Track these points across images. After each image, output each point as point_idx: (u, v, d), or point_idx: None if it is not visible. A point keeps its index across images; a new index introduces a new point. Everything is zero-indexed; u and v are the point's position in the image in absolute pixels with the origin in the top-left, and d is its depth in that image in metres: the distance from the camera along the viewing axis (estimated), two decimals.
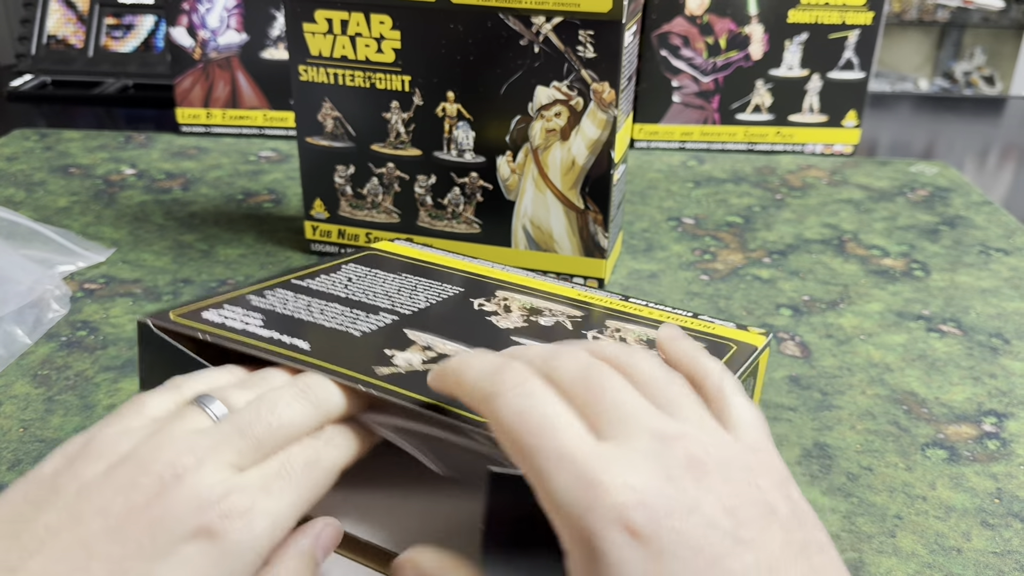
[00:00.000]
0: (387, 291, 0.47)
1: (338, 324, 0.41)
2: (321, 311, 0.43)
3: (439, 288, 0.48)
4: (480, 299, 0.47)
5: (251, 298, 0.43)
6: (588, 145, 0.62)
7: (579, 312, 0.47)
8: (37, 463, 0.49)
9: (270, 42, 0.94)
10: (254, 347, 0.38)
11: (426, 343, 0.40)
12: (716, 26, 0.91)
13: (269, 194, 0.84)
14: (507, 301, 0.47)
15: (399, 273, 0.50)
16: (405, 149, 0.66)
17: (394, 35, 0.62)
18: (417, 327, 0.42)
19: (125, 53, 1.10)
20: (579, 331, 0.45)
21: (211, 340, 0.38)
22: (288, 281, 0.46)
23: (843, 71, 0.92)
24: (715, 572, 0.27)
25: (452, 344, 0.41)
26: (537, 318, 0.46)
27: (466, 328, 0.43)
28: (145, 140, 0.97)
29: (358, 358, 0.38)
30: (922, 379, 0.57)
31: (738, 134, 0.95)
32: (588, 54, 0.59)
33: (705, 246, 0.75)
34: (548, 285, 0.51)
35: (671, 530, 0.27)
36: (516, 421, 0.29)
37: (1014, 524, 0.46)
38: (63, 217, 0.78)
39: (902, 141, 1.04)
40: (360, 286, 0.47)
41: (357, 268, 0.50)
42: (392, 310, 0.44)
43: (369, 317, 0.43)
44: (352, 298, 0.45)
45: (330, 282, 0.47)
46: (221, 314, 0.41)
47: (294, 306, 0.43)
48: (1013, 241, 0.77)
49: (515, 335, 0.43)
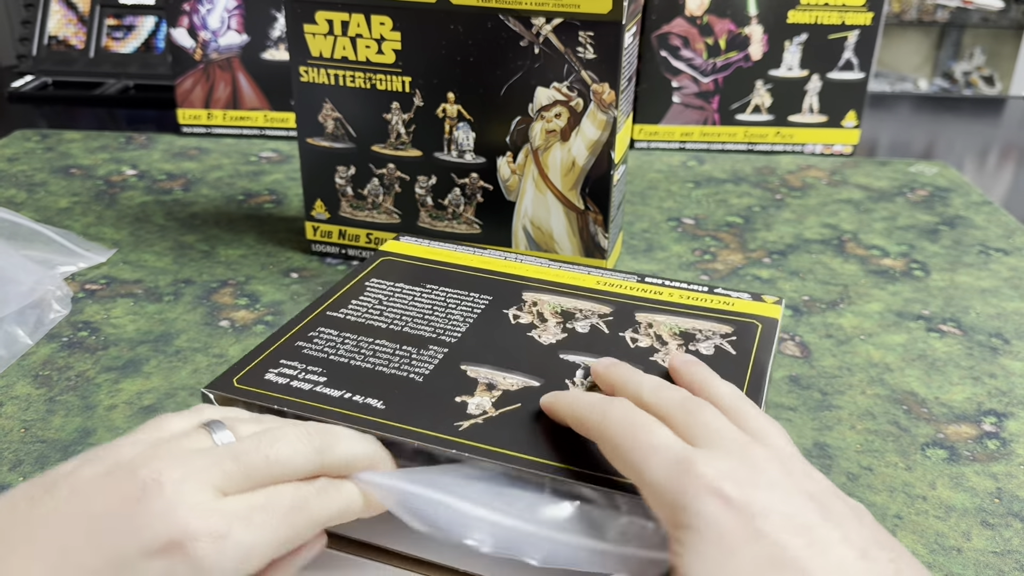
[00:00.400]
0: (422, 312, 0.48)
1: (396, 368, 0.43)
2: (374, 352, 0.44)
3: (468, 300, 0.49)
4: (512, 308, 0.49)
5: (301, 345, 0.44)
6: (588, 146, 0.62)
7: (607, 308, 0.49)
8: (38, 464, 0.49)
9: (271, 43, 0.94)
10: (333, 413, 0.39)
11: (487, 379, 0.42)
12: (716, 27, 0.91)
13: (270, 195, 0.84)
14: (538, 307, 0.49)
15: (423, 285, 0.51)
16: (406, 150, 0.66)
17: (394, 36, 0.62)
18: (470, 360, 0.43)
19: (126, 54, 1.10)
20: (616, 332, 0.46)
21: (290, 411, 0.39)
22: (324, 314, 0.47)
23: (843, 71, 0.92)
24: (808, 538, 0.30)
25: (512, 376, 0.42)
26: (572, 324, 0.47)
27: (515, 353, 0.44)
28: (146, 141, 0.97)
29: (434, 413, 0.39)
30: (922, 379, 0.58)
31: (738, 134, 0.95)
32: (588, 55, 0.59)
33: (705, 246, 0.75)
34: (567, 275, 0.52)
35: (761, 498, 0.31)
36: (621, 431, 0.34)
37: (1014, 524, 0.46)
38: (64, 218, 0.78)
39: (902, 141, 1.05)
40: (395, 310, 0.48)
41: (381, 284, 0.51)
42: (437, 339, 0.45)
43: (421, 354, 0.44)
44: (394, 328, 0.46)
45: (364, 308, 0.48)
46: (282, 373, 0.42)
47: (345, 350, 0.44)
48: (1013, 241, 0.77)
49: (562, 351, 0.45)
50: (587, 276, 0.52)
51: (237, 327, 0.62)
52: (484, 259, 0.54)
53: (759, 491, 0.31)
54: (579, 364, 0.44)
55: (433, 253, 0.55)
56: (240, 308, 0.64)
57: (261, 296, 0.66)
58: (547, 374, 0.43)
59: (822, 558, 0.29)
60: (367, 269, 0.53)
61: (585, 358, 0.44)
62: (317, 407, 0.40)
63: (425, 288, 0.51)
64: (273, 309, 0.64)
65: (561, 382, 0.42)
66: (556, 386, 0.42)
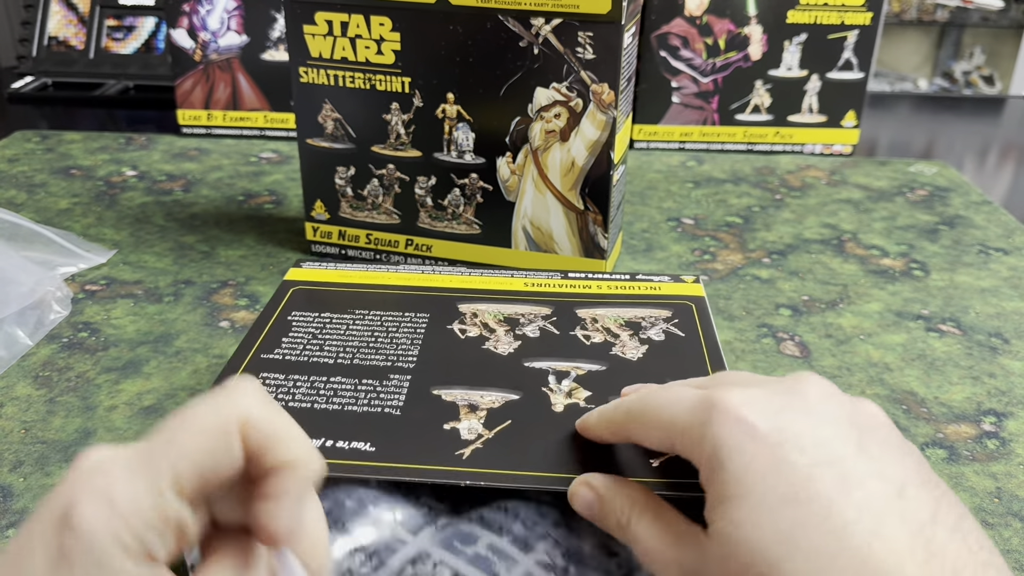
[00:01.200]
0: (364, 341, 0.46)
1: (366, 405, 0.41)
2: (334, 392, 0.42)
3: (406, 320, 0.48)
4: (455, 323, 0.48)
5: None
6: (588, 146, 0.62)
7: (547, 309, 0.49)
8: (39, 464, 0.49)
9: (270, 44, 0.94)
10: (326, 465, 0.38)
11: (466, 401, 0.41)
12: (715, 27, 0.91)
13: (270, 195, 0.84)
14: (479, 317, 0.48)
15: (352, 311, 0.49)
16: (405, 150, 0.66)
17: (394, 37, 0.62)
18: (439, 383, 0.42)
19: (126, 55, 1.10)
20: (566, 332, 0.46)
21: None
22: (259, 358, 0.44)
23: (842, 71, 0.92)
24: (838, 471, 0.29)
25: (489, 393, 0.42)
26: (521, 330, 0.47)
27: (479, 369, 0.44)
28: (146, 142, 0.97)
29: (428, 446, 0.38)
30: (921, 379, 0.58)
31: (737, 134, 0.95)
32: (587, 55, 0.59)
33: (705, 246, 0.75)
34: (492, 281, 0.52)
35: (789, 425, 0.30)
36: (645, 402, 0.34)
37: (1013, 523, 0.46)
38: (64, 219, 0.78)
39: (901, 141, 1.05)
40: (334, 342, 0.46)
41: (305, 316, 0.49)
42: (396, 367, 0.44)
43: (385, 385, 0.42)
44: (343, 363, 0.44)
45: (300, 345, 0.46)
46: None
47: (301, 394, 0.42)
48: (1012, 241, 0.77)
49: (526, 359, 0.44)
50: (512, 280, 0.52)
51: (237, 328, 0.62)
52: (399, 275, 0.53)
53: (785, 417, 0.30)
54: (547, 370, 0.43)
55: (343, 276, 0.53)
56: (240, 309, 0.64)
57: (261, 297, 0.66)
58: (521, 385, 0.42)
59: (850, 494, 0.28)
60: (282, 303, 0.50)
61: (549, 363, 0.44)
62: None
63: (355, 314, 0.49)
64: None
65: (538, 390, 0.42)
66: (535, 397, 0.41)
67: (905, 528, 0.28)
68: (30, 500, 0.46)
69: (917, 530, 0.28)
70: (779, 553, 0.28)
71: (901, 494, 0.28)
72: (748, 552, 0.29)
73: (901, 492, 0.28)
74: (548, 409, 0.41)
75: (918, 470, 0.30)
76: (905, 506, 0.28)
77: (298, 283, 0.53)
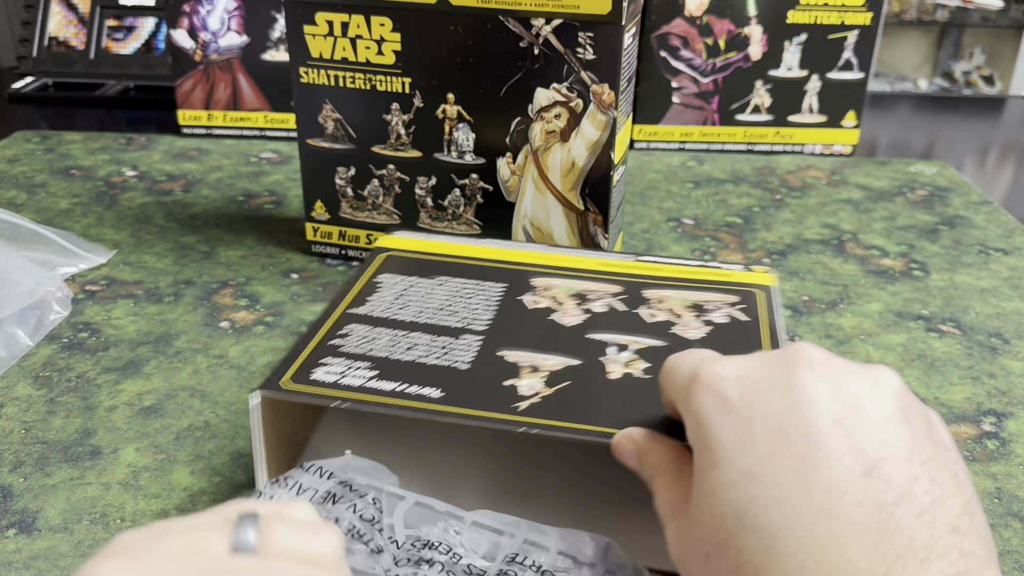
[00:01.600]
0: (443, 304, 0.49)
1: (437, 358, 0.44)
2: (412, 345, 0.45)
3: (483, 289, 0.51)
4: (527, 294, 0.50)
5: (336, 344, 0.45)
6: (588, 146, 0.62)
7: (617, 288, 0.50)
8: (39, 465, 0.49)
9: (271, 44, 0.94)
10: (391, 405, 0.40)
11: (529, 363, 0.44)
12: (715, 27, 0.91)
13: (270, 196, 0.84)
14: (550, 291, 0.50)
15: (434, 277, 0.52)
16: (406, 151, 0.66)
17: (394, 37, 0.62)
18: (506, 346, 0.45)
19: (126, 55, 1.10)
20: (631, 310, 0.48)
21: (349, 407, 0.40)
22: (348, 313, 0.48)
23: (842, 71, 0.92)
24: (807, 447, 0.29)
25: (551, 358, 0.44)
26: (588, 305, 0.49)
27: (545, 336, 0.46)
28: (146, 142, 0.97)
29: (490, 397, 0.41)
30: (921, 379, 0.58)
31: (737, 135, 0.95)
32: (588, 56, 0.59)
33: (705, 246, 0.75)
34: (568, 259, 0.53)
35: (763, 401, 0.30)
36: (675, 363, 0.35)
37: (1013, 524, 0.46)
38: (64, 219, 0.78)
39: (901, 141, 1.05)
40: (416, 303, 0.49)
41: (393, 278, 0.51)
42: (468, 329, 0.46)
43: (457, 342, 0.45)
44: (420, 321, 0.47)
45: (385, 303, 0.49)
46: (329, 372, 0.42)
47: (382, 344, 0.45)
48: (1012, 241, 0.77)
49: (587, 331, 0.46)
50: (587, 259, 0.53)
51: (237, 328, 0.62)
52: (484, 249, 0.55)
53: (764, 393, 0.30)
54: (607, 342, 0.45)
55: (432, 246, 0.55)
56: (240, 309, 0.64)
57: (261, 297, 0.66)
58: (581, 353, 0.44)
59: (810, 472, 0.28)
60: (373, 266, 0.53)
61: (612, 335, 0.46)
62: (374, 400, 0.40)
63: (437, 280, 0.51)
64: (273, 310, 0.64)
65: (597, 359, 0.44)
66: (593, 364, 0.43)
67: (860, 511, 0.27)
68: (30, 500, 0.46)
69: (874, 511, 0.27)
70: (732, 528, 0.29)
71: (869, 473, 0.28)
72: (710, 522, 0.30)
73: (871, 471, 0.28)
74: (605, 376, 0.42)
75: (910, 444, 0.29)
76: (869, 486, 0.27)
77: (388, 249, 0.55)
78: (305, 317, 0.63)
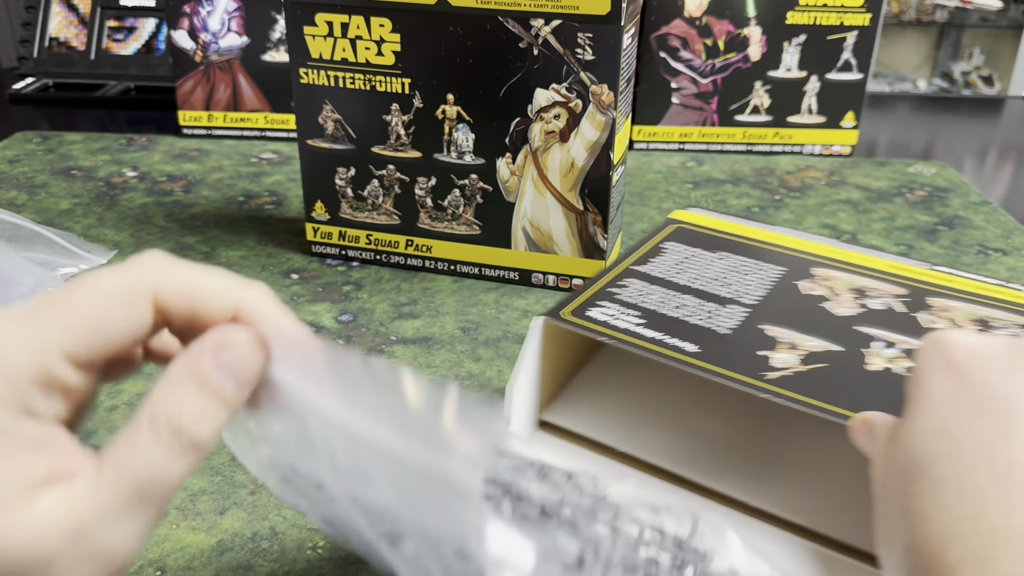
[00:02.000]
0: (718, 276, 0.51)
1: (700, 320, 0.46)
2: (680, 305, 0.48)
3: (761, 269, 0.52)
4: (804, 280, 0.51)
5: (614, 291, 0.49)
6: (587, 147, 0.62)
7: (901, 290, 0.50)
8: None
9: (271, 45, 0.95)
10: (650, 350, 0.44)
11: (788, 340, 0.45)
12: (715, 28, 0.91)
13: (270, 196, 0.84)
14: (829, 282, 0.51)
15: (716, 252, 0.53)
16: (405, 151, 0.66)
17: (394, 38, 0.62)
18: (769, 321, 0.46)
19: (127, 56, 1.10)
20: (910, 312, 0.48)
21: (614, 344, 0.44)
22: (630, 268, 0.51)
23: (841, 72, 0.93)
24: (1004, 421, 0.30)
25: (812, 340, 0.45)
26: (866, 300, 0.49)
27: (811, 319, 0.47)
28: (147, 142, 0.97)
29: (742, 361, 0.43)
30: None
31: (737, 135, 0.95)
32: (587, 56, 0.60)
33: None
34: (855, 256, 0.54)
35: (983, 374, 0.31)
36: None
37: None
38: (65, 219, 0.78)
39: (900, 141, 1.05)
40: (693, 271, 0.51)
41: (677, 247, 0.54)
42: (737, 301, 0.48)
43: (722, 310, 0.47)
44: (693, 287, 0.50)
45: (664, 266, 0.52)
46: (603, 312, 0.47)
47: (654, 300, 0.48)
48: (1011, 241, 0.77)
49: (857, 324, 0.47)
50: (877, 259, 0.53)
51: None
52: (772, 234, 0.56)
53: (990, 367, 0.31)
54: (875, 336, 0.45)
55: (722, 225, 0.57)
56: None
57: None
58: (845, 342, 0.45)
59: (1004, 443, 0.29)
60: (662, 233, 0.56)
61: (883, 332, 0.46)
62: (636, 343, 0.44)
63: (718, 255, 0.53)
64: None
65: (860, 350, 0.44)
66: (856, 354, 0.44)
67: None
68: None
69: None
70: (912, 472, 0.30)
71: None
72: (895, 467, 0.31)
73: None
74: (863, 366, 0.43)
75: None
76: None
77: (680, 222, 0.57)
78: (306, 317, 0.63)
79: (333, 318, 0.63)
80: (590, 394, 0.50)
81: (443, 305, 0.65)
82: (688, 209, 0.60)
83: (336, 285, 0.68)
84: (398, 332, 0.62)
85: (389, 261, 0.70)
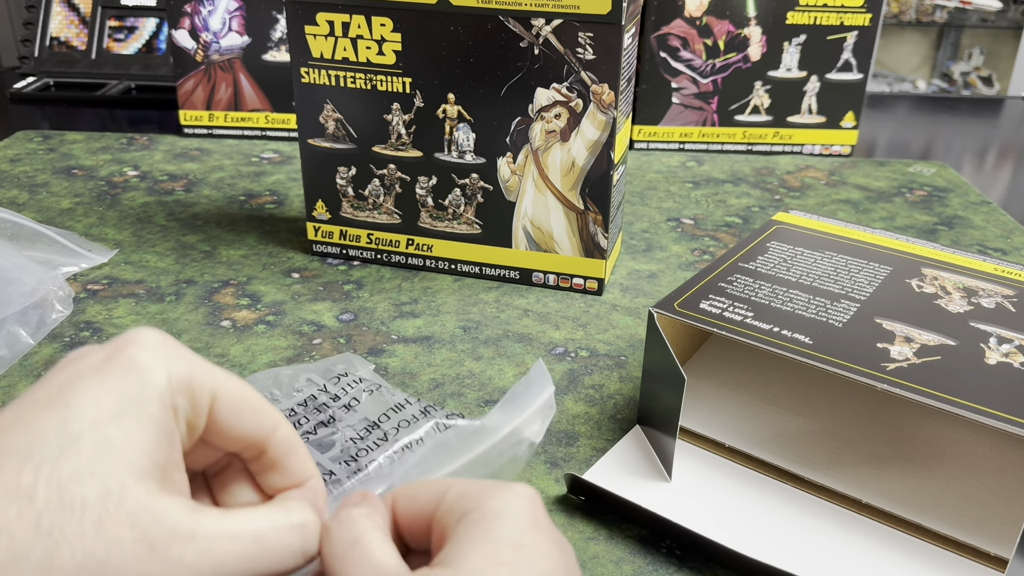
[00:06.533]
0: (826, 273, 0.51)
1: (814, 314, 0.47)
2: (790, 299, 0.48)
3: (869, 268, 0.52)
4: (913, 279, 0.51)
5: (723, 286, 0.50)
6: (588, 146, 0.62)
7: (1011, 291, 0.50)
8: None
9: (272, 44, 0.95)
10: (764, 341, 0.44)
11: (904, 333, 0.45)
12: (715, 28, 0.91)
13: (271, 195, 0.84)
14: (939, 281, 0.51)
15: (822, 251, 0.54)
16: (406, 150, 0.66)
17: (395, 37, 0.62)
18: (883, 315, 0.47)
19: (128, 55, 1.10)
20: (1021, 312, 0.48)
21: (727, 335, 0.45)
22: (737, 264, 0.52)
23: (841, 72, 0.93)
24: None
25: (927, 334, 0.45)
26: (977, 300, 0.49)
27: (926, 315, 0.47)
28: (148, 142, 0.97)
29: (858, 353, 0.43)
30: None
31: (737, 135, 0.95)
32: (587, 56, 0.60)
33: (704, 246, 0.76)
34: (961, 259, 0.54)
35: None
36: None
37: None
38: (66, 218, 0.79)
39: (900, 142, 1.05)
40: (800, 268, 0.52)
41: (782, 246, 0.55)
42: (848, 296, 0.49)
43: (834, 304, 0.47)
44: (803, 283, 0.50)
45: (771, 263, 0.53)
46: (713, 305, 0.48)
47: (763, 294, 0.49)
48: (1011, 241, 0.78)
49: (972, 320, 0.47)
50: (983, 262, 0.54)
51: (239, 327, 0.62)
52: (874, 236, 0.57)
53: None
54: (989, 332, 0.46)
55: (824, 227, 0.58)
56: (242, 308, 0.64)
57: (263, 296, 0.66)
58: (959, 336, 0.45)
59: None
60: (765, 233, 0.57)
61: (996, 328, 0.46)
62: (749, 334, 0.44)
63: (824, 254, 0.54)
64: (274, 309, 0.64)
65: (976, 344, 0.44)
66: (971, 348, 0.44)
67: None
68: None
69: None
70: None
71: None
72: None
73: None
74: (980, 359, 0.43)
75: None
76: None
77: (782, 223, 0.58)
78: (306, 316, 0.63)
79: (334, 317, 0.63)
80: (695, 389, 0.51)
81: (444, 304, 0.65)
82: (790, 211, 0.61)
83: (337, 284, 0.68)
84: (399, 331, 0.62)
85: (390, 260, 0.70)
